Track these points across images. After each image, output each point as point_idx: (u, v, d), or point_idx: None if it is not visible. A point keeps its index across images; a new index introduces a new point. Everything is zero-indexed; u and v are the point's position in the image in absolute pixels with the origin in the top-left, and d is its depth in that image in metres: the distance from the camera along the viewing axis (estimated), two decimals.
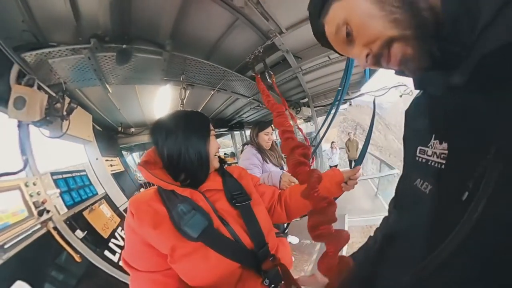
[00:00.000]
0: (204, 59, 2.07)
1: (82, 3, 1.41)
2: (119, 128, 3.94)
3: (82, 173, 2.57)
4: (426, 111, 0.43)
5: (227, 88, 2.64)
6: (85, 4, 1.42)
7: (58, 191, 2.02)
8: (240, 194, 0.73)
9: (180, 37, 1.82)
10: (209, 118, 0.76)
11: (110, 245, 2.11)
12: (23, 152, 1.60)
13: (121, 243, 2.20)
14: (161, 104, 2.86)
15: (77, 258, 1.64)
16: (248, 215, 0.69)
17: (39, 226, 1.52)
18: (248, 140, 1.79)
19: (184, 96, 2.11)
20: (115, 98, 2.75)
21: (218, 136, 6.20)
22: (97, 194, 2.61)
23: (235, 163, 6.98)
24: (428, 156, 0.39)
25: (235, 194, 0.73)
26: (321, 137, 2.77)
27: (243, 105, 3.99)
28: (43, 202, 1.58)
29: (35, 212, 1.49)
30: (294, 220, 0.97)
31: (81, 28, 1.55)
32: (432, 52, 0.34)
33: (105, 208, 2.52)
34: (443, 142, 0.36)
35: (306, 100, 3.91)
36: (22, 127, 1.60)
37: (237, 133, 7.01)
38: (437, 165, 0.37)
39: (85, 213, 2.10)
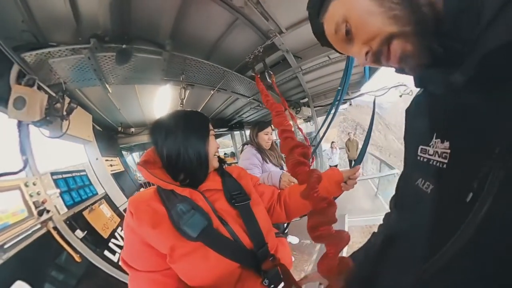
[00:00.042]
0: (204, 59, 2.07)
1: (82, 3, 1.41)
2: (119, 128, 3.95)
3: (82, 173, 2.58)
4: (427, 110, 0.42)
5: (227, 88, 2.64)
6: (85, 4, 1.42)
7: (58, 191, 2.02)
8: (239, 194, 0.73)
9: (180, 37, 1.82)
10: (209, 118, 0.76)
11: (110, 245, 2.11)
12: (23, 152, 1.60)
13: (121, 243, 2.20)
14: (161, 104, 2.85)
15: (77, 258, 1.64)
16: (247, 215, 0.69)
17: (39, 226, 1.52)
18: (248, 140, 1.79)
19: (184, 96, 2.11)
20: (115, 98, 2.76)
21: (218, 136, 6.22)
22: (97, 194, 2.61)
23: (235, 163, 6.98)
24: (429, 155, 0.39)
25: (235, 194, 0.72)
26: (321, 137, 2.77)
27: (243, 105, 3.99)
28: (43, 202, 1.58)
29: (35, 212, 1.49)
30: (294, 220, 0.97)
31: (81, 28, 1.56)
32: (432, 48, 0.34)
33: (105, 208, 2.52)
34: (445, 141, 0.35)
35: (306, 100, 3.91)
36: (22, 127, 1.60)
37: (237, 133, 7.01)
38: (438, 165, 0.36)
39: (85, 213, 2.10)
